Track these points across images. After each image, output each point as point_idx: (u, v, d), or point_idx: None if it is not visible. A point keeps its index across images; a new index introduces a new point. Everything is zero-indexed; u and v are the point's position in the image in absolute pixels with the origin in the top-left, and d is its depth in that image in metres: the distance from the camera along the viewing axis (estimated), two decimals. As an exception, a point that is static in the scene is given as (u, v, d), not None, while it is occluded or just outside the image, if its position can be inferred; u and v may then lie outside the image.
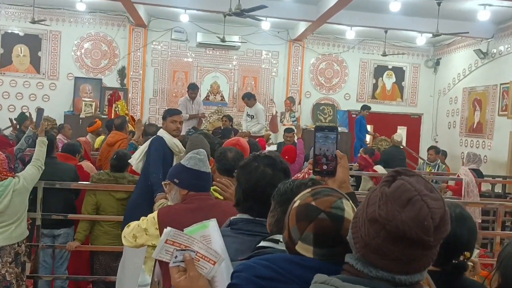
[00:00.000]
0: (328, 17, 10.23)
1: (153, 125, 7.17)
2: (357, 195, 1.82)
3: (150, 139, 5.19)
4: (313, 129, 10.03)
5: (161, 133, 5.14)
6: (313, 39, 13.10)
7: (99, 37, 12.23)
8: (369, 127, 12.52)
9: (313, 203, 1.41)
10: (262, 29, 11.99)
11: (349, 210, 1.42)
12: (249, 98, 10.38)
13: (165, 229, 1.44)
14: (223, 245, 1.60)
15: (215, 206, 2.84)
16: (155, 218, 2.84)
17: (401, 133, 11.48)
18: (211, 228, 1.57)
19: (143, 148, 5.12)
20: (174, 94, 12.58)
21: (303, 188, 1.59)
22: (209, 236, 1.53)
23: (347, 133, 12.65)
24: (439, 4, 9.43)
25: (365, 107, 11.95)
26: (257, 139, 7.54)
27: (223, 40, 11.25)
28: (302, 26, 11.81)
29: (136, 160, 5.06)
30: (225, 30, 11.28)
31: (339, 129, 12.47)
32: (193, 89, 9.91)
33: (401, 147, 10.52)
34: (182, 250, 1.42)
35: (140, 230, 2.86)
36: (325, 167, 1.80)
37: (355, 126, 11.99)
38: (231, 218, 2.07)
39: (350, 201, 1.46)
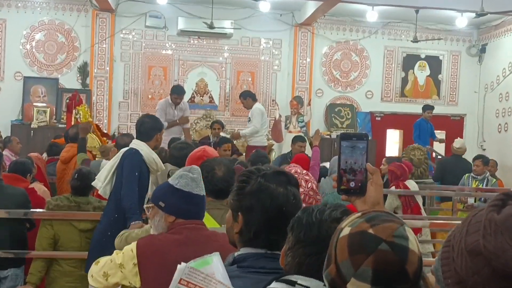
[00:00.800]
0: (344, -5, 10.27)
1: (128, 135, 7.12)
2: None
3: (121, 152, 5.16)
4: (327, 136, 10.01)
5: (137, 145, 5.12)
6: (325, 22, 13.13)
7: (54, 26, 12.24)
8: (438, 132, 12.41)
9: (370, 230, 1.41)
10: (260, 11, 12.00)
11: (412, 239, 1.43)
12: (245, 98, 10.38)
13: (178, 266, 1.47)
14: (231, 286, 1.61)
15: (210, 239, 2.84)
16: (134, 251, 2.83)
17: (463, 141, 11.39)
18: (215, 265, 1.58)
19: (111, 165, 5.10)
20: (150, 96, 12.58)
21: (335, 223, 1.60)
22: (213, 275, 1.54)
23: (371, 141, 12.63)
24: (483, -25, 9.49)
25: (427, 108, 11.92)
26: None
27: (211, 27, 11.27)
28: (310, 7, 11.83)
29: (102, 182, 5.03)
30: (213, 13, 11.31)
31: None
32: (178, 94, 9.84)
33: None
34: None
35: (114, 266, 2.85)
36: (352, 184, 1.82)
37: (413, 132, 11.91)
38: (235, 253, 2.07)
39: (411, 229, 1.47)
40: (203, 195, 2.98)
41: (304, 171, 5.34)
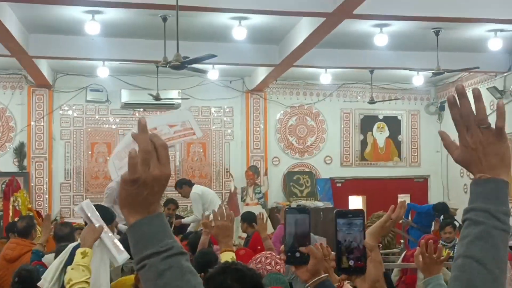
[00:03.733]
0: (295, 59, 10.42)
1: (67, 225, 6.87)
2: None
3: (69, 248, 4.99)
4: (286, 207, 9.99)
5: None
6: (277, 87, 13.30)
7: (-13, 105, 12.09)
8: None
9: None
10: (209, 79, 12.09)
11: None
12: (180, 187, 10.55)
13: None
14: None
15: None
16: None
17: (455, 202, 11.59)
18: None
19: (57, 263, 4.91)
20: (94, 175, 12.40)
21: None
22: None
23: (332, 209, 12.64)
24: (437, 33, 9.76)
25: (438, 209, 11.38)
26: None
27: (157, 98, 11.25)
28: (261, 72, 11.97)
29: (49, 282, 4.83)
30: (159, 84, 11.32)
31: (322, 203, 12.53)
32: None
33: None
34: None
35: None
36: (352, 262, 1.85)
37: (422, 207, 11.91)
38: None
39: None
40: None
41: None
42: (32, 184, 11.94)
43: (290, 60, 10.45)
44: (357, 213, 1.90)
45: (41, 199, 12.00)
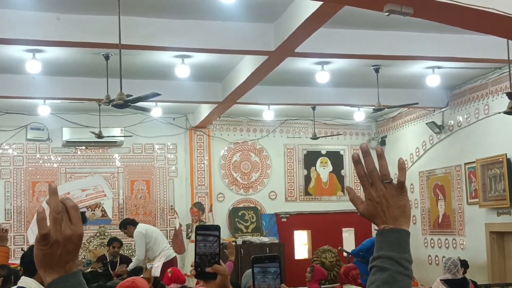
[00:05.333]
0: (238, 97, 10.52)
1: (5, 267, 6.65)
2: None
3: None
4: (233, 242, 9.83)
5: (26, 283, 4.85)
6: (220, 124, 13.37)
7: None
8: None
9: None
10: (152, 116, 12.06)
11: None
12: (125, 227, 10.53)
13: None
14: None
15: None
16: None
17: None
18: None
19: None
20: (35, 215, 12.15)
21: None
22: None
23: (278, 244, 12.69)
24: (377, 70, 10.00)
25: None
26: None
27: (99, 136, 11.18)
28: (205, 110, 12.04)
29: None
30: (101, 121, 11.25)
31: (268, 239, 12.55)
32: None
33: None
34: None
35: None
36: None
37: (361, 245, 11.93)
38: None
39: None
40: None
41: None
42: (-30, 225, 11.63)
43: (233, 97, 10.54)
44: (274, 258, 1.94)
45: (-20, 241, 11.69)
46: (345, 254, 12.32)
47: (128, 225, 10.43)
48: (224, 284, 2.20)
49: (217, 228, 2.13)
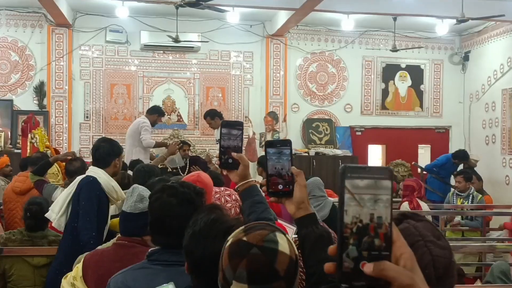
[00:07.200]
0: (316, 3, 10.31)
1: (78, 160, 6.84)
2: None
3: (77, 180, 5.06)
4: (305, 153, 9.96)
5: (95, 172, 5.02)
6: (298, 33, 13.18)
7: (7, 43, 12.13)
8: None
9: (244, 238, 1.79)
10: (229, 23, 12.01)
11: (283, 243, 1.79)
12: (213, 118, 10.33)
13: None
14: None
15: (135, 256, 3.06)
16: (80, 265, 3.31)
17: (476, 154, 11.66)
18: None
19: (66, 195, 4.99)
20: (113, 116, 12.48)
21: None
22: None
23: (351, 157, 12.66)
24: (463, -21, 9.59)
25: (457, 157, 11.60)
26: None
27: (176, 40, 11.22)
28: (282, 17, 11.87)
29: (57, 214, 4.92)
30: (178, 26, 11.26)
31: (341, 151, 12.51)
32: (163, 115, 10.84)
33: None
34: None
35: (67, 284, 3.28)
36: (280, 187, 2.11)
37: (436, 160, 11.91)
38: (150, 249, 2.74)
39: (286, 235, 1.85)
40: (139, 213, 3.31)
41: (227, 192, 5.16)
42: (52, 123, 12.05)
43: (311, 4, 10.34)
44: (285, 142, 2.14)
45: (61, 139, 12.13)
46: (419, 170, 12.20)
47: (216, 116, 10.36)
48: (245, 174, 2.51)
49: (240, 124, 2.48)
